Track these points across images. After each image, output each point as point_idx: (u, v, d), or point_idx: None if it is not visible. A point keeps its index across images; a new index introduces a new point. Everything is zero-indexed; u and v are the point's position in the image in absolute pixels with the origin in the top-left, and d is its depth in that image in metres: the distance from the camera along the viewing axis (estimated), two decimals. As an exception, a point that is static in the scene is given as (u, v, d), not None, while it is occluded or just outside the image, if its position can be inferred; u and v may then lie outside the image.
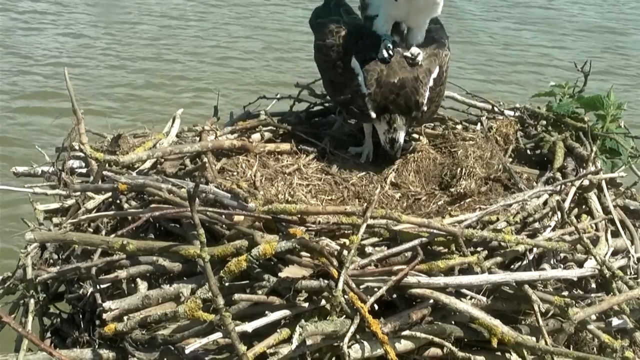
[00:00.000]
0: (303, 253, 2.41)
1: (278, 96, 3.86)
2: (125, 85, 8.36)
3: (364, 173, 3.18)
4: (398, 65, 3.12)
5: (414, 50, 3.16)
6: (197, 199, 2.37)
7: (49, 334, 2.82)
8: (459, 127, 3.58)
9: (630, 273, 2.79)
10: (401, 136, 3.18)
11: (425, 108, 3.13)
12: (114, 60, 9.08)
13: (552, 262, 2.66)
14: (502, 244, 2.58)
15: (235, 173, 3.05)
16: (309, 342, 2.28)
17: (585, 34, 11.76)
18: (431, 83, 3.15)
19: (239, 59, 9.44)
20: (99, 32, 10.15)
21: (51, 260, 2.75)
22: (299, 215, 2.49)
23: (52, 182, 3.03)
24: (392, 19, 3.23)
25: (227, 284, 2.36)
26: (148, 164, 3.02)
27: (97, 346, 2.40)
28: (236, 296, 2.35)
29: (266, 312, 2.35)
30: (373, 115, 3.12)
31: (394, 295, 2.46)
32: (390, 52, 3.13)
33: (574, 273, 2.62)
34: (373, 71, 3.11)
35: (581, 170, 3.10)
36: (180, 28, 10.62)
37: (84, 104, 7.04)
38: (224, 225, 2.53)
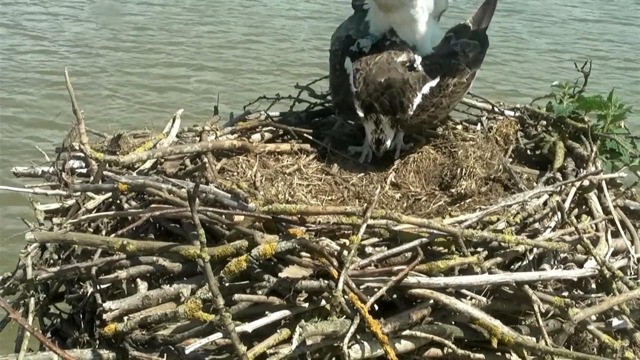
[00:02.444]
0: (303, 253, 2.41)
1: (278, 96, 3.86)
2: (125, 85, 8.37)
3: (364, 173, 3.18)
4: (389, 66, 3.13)
5: (412, 56, 3.18)
6: (197, 199, 2.37)
7: (49, 334, 2.82)
8: (459, 127, 3.57)
9: (631, 273, 2.79)
10: (389, 138, 3.17)
11: (411, 112, 3.11)
12: (113, 61, 9.09)
13: (552, 262, 2.66)
14: (502, 244, 2.58)
15: (235, 173, 3.05)
16: (309, 342, 2.29)
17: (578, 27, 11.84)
18: (426, 90, 3.14)
19: (240, 58, 9.44)
20: (99, 29, 10.17)
21: (51, 261, 2.75)
22: (299, 216, 2.49)
23: (53, 182, 3.03)
24: (381, 24, 3.27)
25: (227, 284, 2.36)
26: (148, 164, 3.02)
27: (97, 346, 2.40)
28: (236, 296, 2.35)
29: (266, 312, 2.35)
30: (361, 113, 3.12)
31: (394, 296, 2.46)
32: (362, 47, 3.19)
33: (574, 273, 2.62)
34: (362, 70, 3.15)
35: (581, 170, 3.10)
36: (181, 26, 10.63)
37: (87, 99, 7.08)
38: (224, 226, 2.53)
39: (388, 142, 3.19)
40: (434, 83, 3.16)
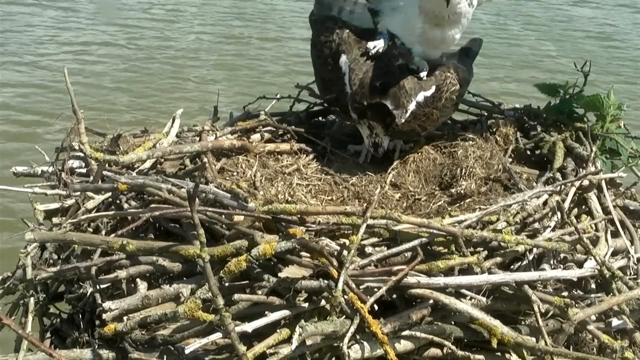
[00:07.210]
0: (303, 253, 2.41)
1: (278, 96, 3.86)
2: (124, 84, 8.37)
3: (363, 173, 3.17)
4: (387, 70, 3.09)
5: (416, 63, 3.12)
6: (197, 199, 2.36)
7: (48, 334, 2.82)
8: (459, 127, 3.58)
9: (630, 273, 2.79)
10: (385, 141, 3.16)
11: (403, 119, 3.06)
12: (113, 60, 9.08)
13: (551, 262, 2.66)
14: (502, 244, 2.58)
15: (235, 173, 3.05)
16: (308, 342, 2.28)
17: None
18: (420, 99, 3.10)
19: (239, 58, 9.44)
20: (98, 29, 10.16)
21: (51, 260, 2.75)
22: (299, 216, 2.49)
23: (52, 182, 3.02)
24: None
25: (227, 284, 2.36)
26: (148, 164, 3.01)
27: (96, 346, 2.40)
28: (236, 296, 2.35)
29: (266, 312, 2.35)
30: (354, 116, 3.10)
31: (394, 296, 2.46)
32: (379, 49, 3.09)
33: (573, 273, 2.62)
34: (359, 71, 3.09)
35: (581, 170, 3.10)
36: (181, 26, 10.62)
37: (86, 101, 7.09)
38: (223, 226, 2.53)
39: (385, 145, 3.17)
40: (429, 93, 3.12)
